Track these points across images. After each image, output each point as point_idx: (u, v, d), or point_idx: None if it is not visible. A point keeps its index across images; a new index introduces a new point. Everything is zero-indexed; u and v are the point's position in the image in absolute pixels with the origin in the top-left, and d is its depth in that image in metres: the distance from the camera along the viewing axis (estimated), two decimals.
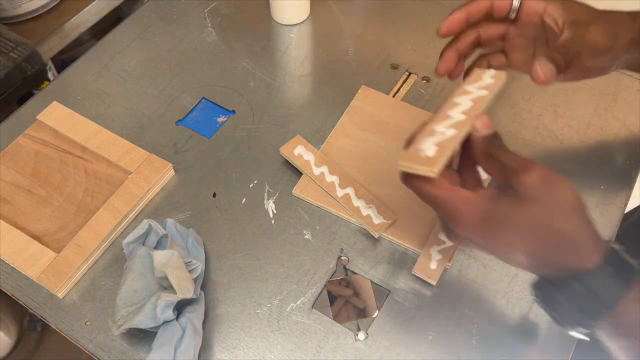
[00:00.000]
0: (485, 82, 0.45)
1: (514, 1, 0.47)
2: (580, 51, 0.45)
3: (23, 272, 0.52)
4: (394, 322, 0.50)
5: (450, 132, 0.41)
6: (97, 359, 0.48)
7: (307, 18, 0.74)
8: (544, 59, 0.44)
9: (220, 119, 0.64)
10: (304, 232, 0.55)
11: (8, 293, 0.52)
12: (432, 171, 0.38)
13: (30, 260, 0.52)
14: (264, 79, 0.68)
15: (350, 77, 0.68)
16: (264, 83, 0.67)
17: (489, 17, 0.49)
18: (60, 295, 0.51)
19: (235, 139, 0.62)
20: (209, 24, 0.73)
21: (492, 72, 0.46)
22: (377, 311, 0.51)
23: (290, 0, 0.71)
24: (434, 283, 0.52)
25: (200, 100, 0.66)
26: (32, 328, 1.03)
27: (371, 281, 0.53)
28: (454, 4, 0.75)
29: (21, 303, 0.52)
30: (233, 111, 0.65)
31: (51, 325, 0.50)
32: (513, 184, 0.38)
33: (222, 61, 0.69)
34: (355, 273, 0.53)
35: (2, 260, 0.53)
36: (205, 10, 0.75)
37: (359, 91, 0.66)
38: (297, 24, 0.73)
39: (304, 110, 0.65)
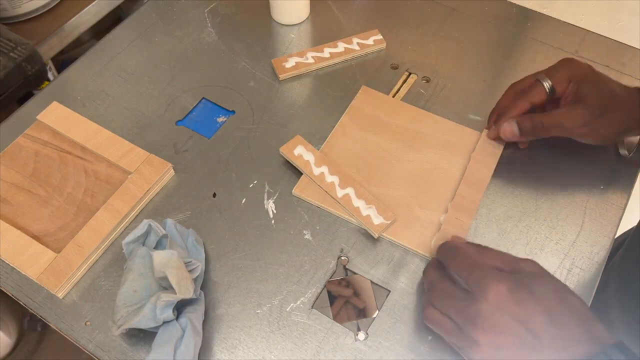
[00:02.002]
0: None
1: (548, 91, 0.56)
2: (556, 126, 0.54)
3: (23, 272, 0.52)
4: (394, 322, 0.50)
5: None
6: (97, 359, 0.48)
7: (307, 18, 0.74)
8: (514, 121, 0.56)
9: (220, 119, 0.64)
10: (304, 232, 0.55)
11: (8, 293, 0.52)
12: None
13: (30, 260, 0.52)
14: (264, 79, 0.68)
15: (350, 77, 0.68)
16: (264, 83, 0.67)
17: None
18: (60, 295, 0.51)
19: (235, 139, 0.62)
20: (209, 24, 0.73)
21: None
22: (377, 311, 0.51)
23: (290, 0, 0.71)
24: None
25: (200, 100, 0.66)
26: (32, 328, 1.03)
27: (371, 281, 0.53)
28: (453, 4, 0.76)
29: (21, 303, 0.52)
30: (233, 111, 0.65)
31: (51, 325, 0.50)
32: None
33: (222, 61, 0.69)
34: (355, 273, 0.53)
35: (2, 260, 0.53)
36: (205, 10, 0.75)
37: (359, 91, 0.66)
38: (297, 24, 0.73)
39: (304, 110, 0.65)
